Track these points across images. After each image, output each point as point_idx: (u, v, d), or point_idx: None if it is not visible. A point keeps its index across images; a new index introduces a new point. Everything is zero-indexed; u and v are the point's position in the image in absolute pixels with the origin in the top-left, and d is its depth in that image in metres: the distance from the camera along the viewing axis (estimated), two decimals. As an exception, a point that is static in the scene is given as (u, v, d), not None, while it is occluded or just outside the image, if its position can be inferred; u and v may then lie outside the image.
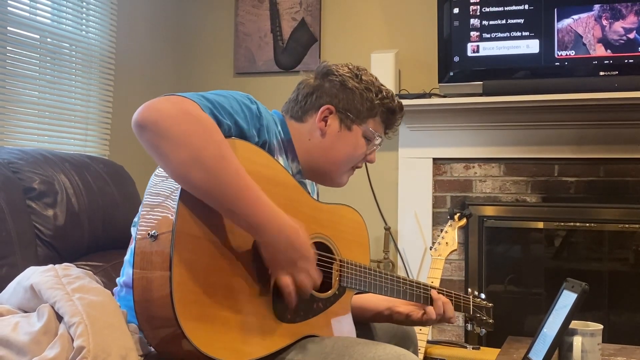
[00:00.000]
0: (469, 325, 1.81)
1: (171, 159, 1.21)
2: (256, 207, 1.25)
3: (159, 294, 1.19)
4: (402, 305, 1.73)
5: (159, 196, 1.27)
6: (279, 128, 1.57)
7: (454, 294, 1.77)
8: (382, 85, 1.64)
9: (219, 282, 1.26)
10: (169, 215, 1.22)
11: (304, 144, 1.59)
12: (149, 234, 1.22)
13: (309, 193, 1.58)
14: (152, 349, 1.30)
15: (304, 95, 1.61)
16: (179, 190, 1.23)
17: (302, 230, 1.33)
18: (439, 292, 1.72)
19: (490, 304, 1.85)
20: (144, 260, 1.23)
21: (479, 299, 1.83)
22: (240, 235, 1.30)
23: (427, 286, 1.71)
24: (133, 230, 1.48)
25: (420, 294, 1.69)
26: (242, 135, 1.37)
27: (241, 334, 1.28)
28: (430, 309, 1.69)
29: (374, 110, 1.61)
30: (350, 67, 1.63)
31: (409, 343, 1.79)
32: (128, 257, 1.48)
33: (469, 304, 1.80)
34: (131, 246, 1.47)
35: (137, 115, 1.22)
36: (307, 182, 1.70)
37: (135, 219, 1.48)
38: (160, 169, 1.30)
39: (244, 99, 1.42)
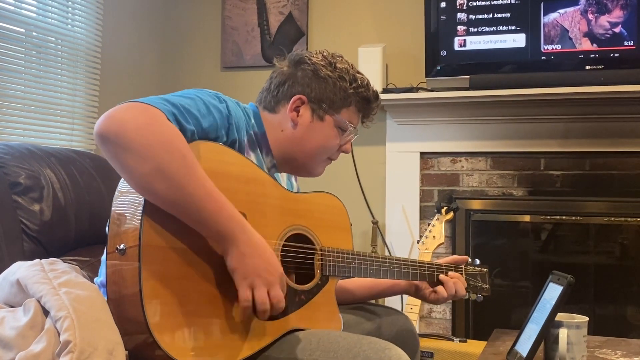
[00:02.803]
0: (465, 294, 1.79)
1: (134, 171, 1.19)
2: (220, 215, 1.23)
3: (131, 309, 1.19)
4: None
5: (125, 208, 1.26)
6: (253, 121, 1.54)
7: (445, 266, 1.76)
8: (357, 73, 1.59)
9: (192, 290, 1.24)
10: (135, 228, 1.20)
11: (277, 136, 1.55)
12: (117, 248, 1.21)
13: (285, 187, 1.55)
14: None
15: (276, 85, 1.57)
16: (143, 201, 1.21)
17: (271, 249, 1.31)
18: (420, 266, 1.70)
19: (484, 269, 1.83)
20: (115, 274, 1.22)
21: (472, 267, 1.82)
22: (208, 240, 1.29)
23: (415, 262, 1.69)
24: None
25: (408, 271, 1.67)
26: (208, 137, 1.35)
27: (221, 339, 1.27)
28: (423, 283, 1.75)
29: (348, 99, 1.56)
30: (324, 54, 1.58)
31: (412, 344, 1.77)
32: (105, 257, 1.46)
33: (461, 273, 1.78)
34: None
35: (98, 127, 1.19)
36: (284, 177, 1.67)
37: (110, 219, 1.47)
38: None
39: (212, 99, 1.39)
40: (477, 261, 1.84)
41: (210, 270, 1.28)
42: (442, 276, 1.72)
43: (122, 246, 1.20)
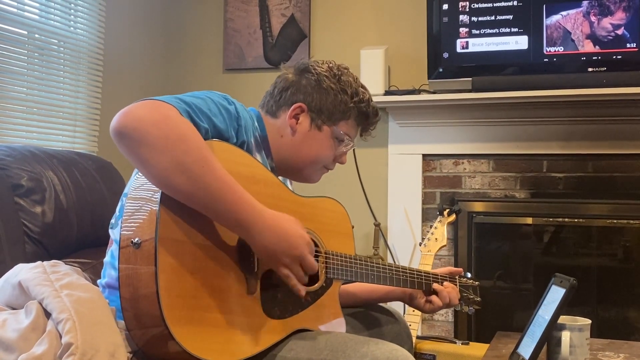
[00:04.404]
0: (457, 305, 1.82)
1: (152, 165, 1.19)
2: (240, 206, 1.25)
3: (146, 301, 1.19)
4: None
5: (140, 201, 1.26)
6: (256, 124, 1.56)
7: (440, 276, 1.78)
8: (361, 87, 1.62)
9: (206, 284, 1.25)
10: (151, 222, 1.21)
11: (277, 140, 1.58)
12: (132, 241, 1.21)
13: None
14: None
15: (280, 90, 1.60)
16: (159, 194, 1.22)
17: (292, 220, 1.33)
18: (417, 274, 1.73)
19: (476, 282, 1.86)
20: (129, 269, 1.22)
21: (464, 279, 1.85)
22: (224, 234, 1.30)
23: (413, 270, 1.72)
24: (111, 232, 1.47)
25: (407, 278, 1.69)
26: (220, 136, 1.36)
27: (231, 334, 1.29)
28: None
29: (348, 112, 1.59)
30: (330, 65, 1.61)
31: (403, 341, 1.79)
32: (108, 259, 1.46)
33: (455, 284, 1.81)
34: (111, 248, 1.46)
35: (115, 123, 1.20)
36: (280, 178, 1.69)
37: (112, 221, 1.47)
38: (139, 172, 1.29)
39: (222, 100, 1.41)
40: (469, 274, 1.88)
41: (225, 266, 1.30)
42: (436, 285, 1.75)
43: (137, 240, 1.21)
